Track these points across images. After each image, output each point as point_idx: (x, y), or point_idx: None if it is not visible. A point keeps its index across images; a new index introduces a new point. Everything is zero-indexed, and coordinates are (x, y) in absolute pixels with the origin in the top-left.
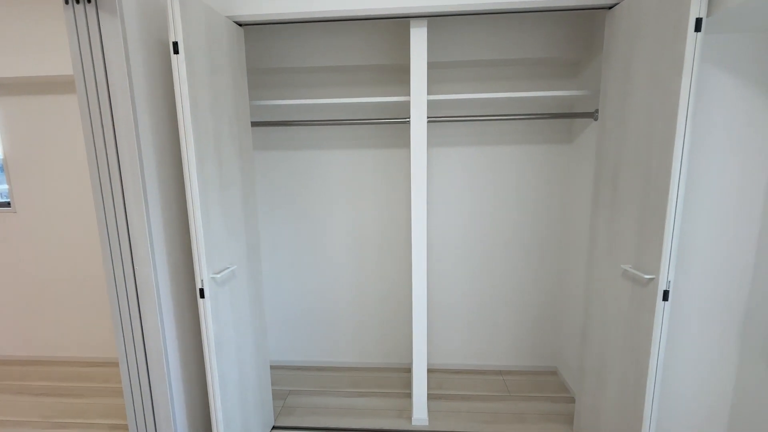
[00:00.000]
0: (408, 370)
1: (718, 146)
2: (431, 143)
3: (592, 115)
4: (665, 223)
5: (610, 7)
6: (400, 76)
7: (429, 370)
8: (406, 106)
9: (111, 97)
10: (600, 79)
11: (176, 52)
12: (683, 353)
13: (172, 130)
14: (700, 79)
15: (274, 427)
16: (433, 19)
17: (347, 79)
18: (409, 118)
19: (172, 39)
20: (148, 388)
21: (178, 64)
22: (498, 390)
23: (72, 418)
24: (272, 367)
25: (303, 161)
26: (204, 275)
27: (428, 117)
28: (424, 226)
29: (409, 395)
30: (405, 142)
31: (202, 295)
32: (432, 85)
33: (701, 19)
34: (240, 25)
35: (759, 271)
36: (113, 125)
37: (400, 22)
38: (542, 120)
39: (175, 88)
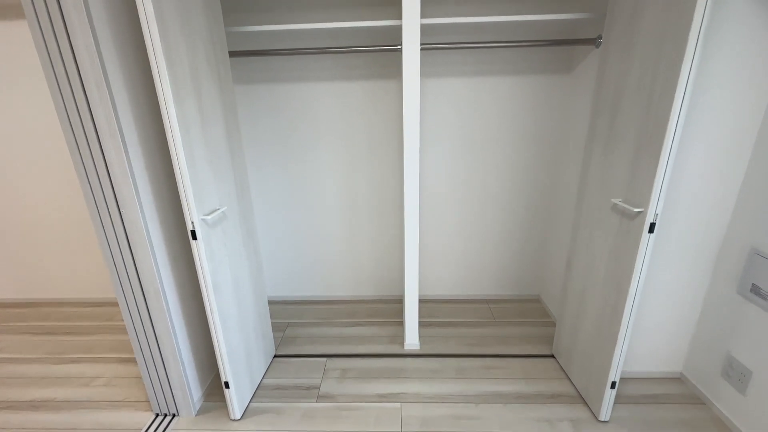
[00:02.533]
0: (400, 301)
1: (721, 80)
2: (423, 73)
3: (594, 41)
4: (660, 157)
5: None
6: None
7: (420, 300)
8: (398, 31)
9: (66, 22)
10: (606, 1)
11: None
12: (658, 280)
13: (141, 58)
14: (718, 4)
15: (275, 356)
16: None
17: (333, 0)
18: (400, 45)
19: None
20: (150, 324)
21: None
22: (484, 317)
23: (80, 353)
24: (270, 303)
25: (287, 94)
26: (194, 217)
27: (421, 44)
28: (417, 161)
29: (402, 323)
30: (396, 72)
31: (194, 237)
32: (425, 8)
33: None
34: None
35: (740, 203)
36: (74, 55)
37: None
38: (541, 48)
39: (139, 13)
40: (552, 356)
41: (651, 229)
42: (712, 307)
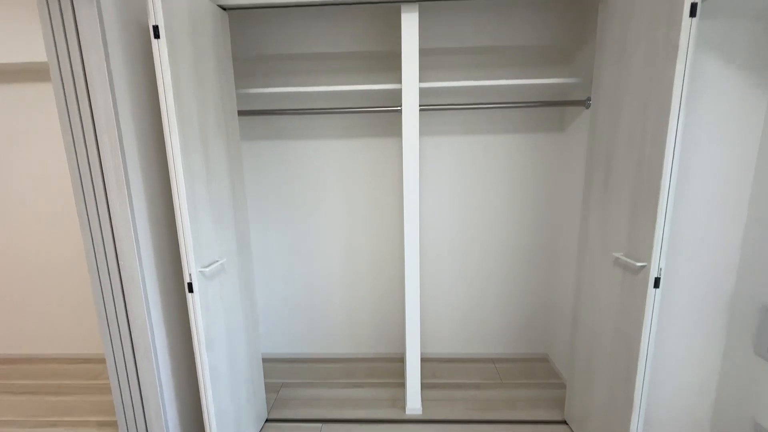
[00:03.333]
0: (401, 360)
1: (709, 133)
2: (423, 132)
3: (584, 103)
4: (657, 211)
5: None
6: (391, 62)
7: (422, 359)
8: (398, 94)
9: (89, 85)
10: (592, 66)
11: (157, 36)
12: (671, 338)
13: (155, 118)
14: (694, 65)
15: (267, 420)
16: (425, 3)
17: (337, 66)
18: (400, 106)
19: (152, 23)
20: (137, 383)
21: (159, 49)
22: (490, 377)
23: (59, 416)
24: (264, 360)
25: (292, 151)
26: (192, 269)
27: (420, 105)
28: (417, 216)
29: (403, 384)
30: (396, 131)
31: (191, 290)
32: (424, 72)
33: (696, 3)
34: (224, 9)
35: (745, 257)
36: (92, 114)
37: (391, 6)
38: (534, 108)
39: (156, 74)
40: (564, 422)
41: (656, 284)
42: (732, 370)
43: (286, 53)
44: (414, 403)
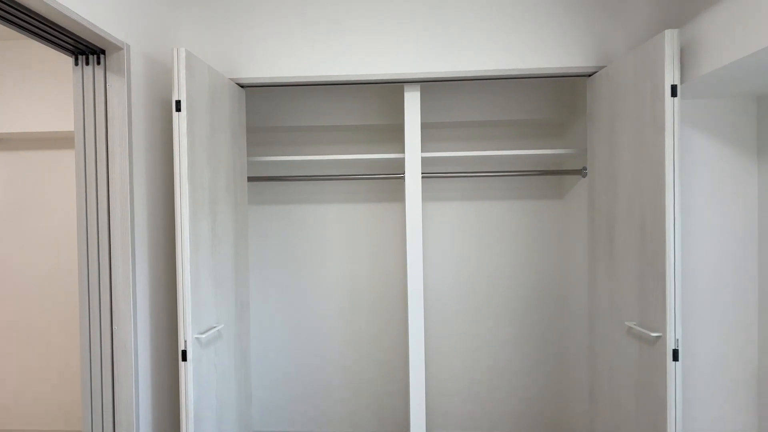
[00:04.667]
0: None
1: (706, 201)
2: (425, 198)
3: (580, 172)
4: (666, 278)
5: (590, 75)
6: (395, 134)
7: None
8: (401, 162)
9: (109, 153)
10: (585, 138)
11: (178, 110)
12: (697, 415)
13: (167, 184)
14: (683, 139)
15: None
16: (426, 84)
17: (344, 137)
18: (403, 173)
19: (175, 98)
20: None
21: (179, 121)
22: None
23: None
24: None
25: (297, 215)
26: (188, 336)
27: (423, 173)
28: (421, 282)
29: None
30: (399, 197)
31: (184, 358)
32: (425, 143)
33: (676, 85)
34: (242, 86)
35: (764, 324)
36: (108, 178)
37: (395, 86)
38: (532, 176)
39: (174, 144)
40: None
41: (675, 357)
42: None
43: (296, 125)
44: None
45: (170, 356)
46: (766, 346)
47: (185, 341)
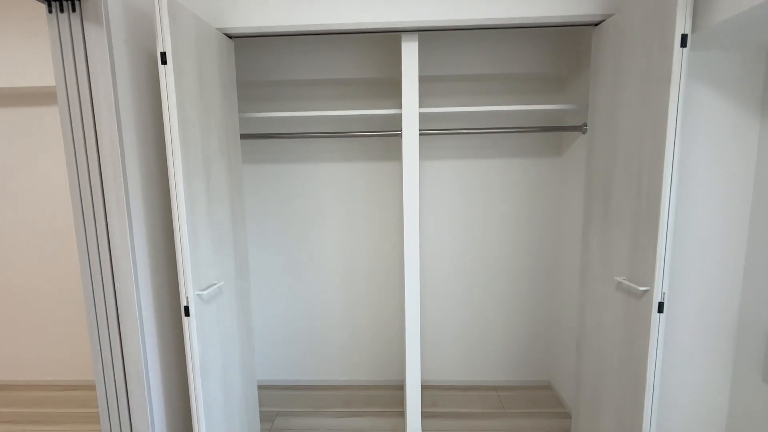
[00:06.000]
0: (401, 387)
1: (704, 159)
2: (423, 156)
3: (581, 128)
4: (658, 235)
5: (597, 24)
6: (392, 89)
7: (422, 387)
8: (398, 119)
9: (95, 109)
10: (587, 93)
11: (164, 62)
12: (679, 364)
13: (158, 141)
14: (688, 94)
15: None
16: (424, 33)
17: (339, 92)
18: (400, 130)
19: (160, 49)
20: (127, 412)
21: (166, 75)
22: (493, 406)
23: None
24: (260, 387)
25: (293, 174)
26: (189, 292)
27: (420, 130)
28: (417, 240)
29: (403, 413)
30: (396, 155)
31: (187, 313)
32: (423, 98)
33: (687, 35)
34: (230, 37)
35: (748, 281)
36: (96, 137)
37: (392, 35)
38: (532, 133)
39: (162, 99)
40: None
41: (660, 309)
42: (741, 399)
43: (289, 79)
44: None
45: (174, 312)
46: (748, 302)
47: (187, 297)
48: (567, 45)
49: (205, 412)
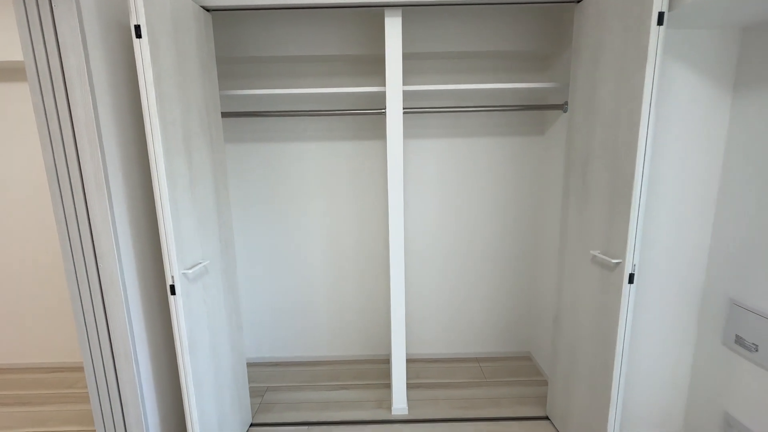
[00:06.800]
0: (387, 361)
1: (678, 136)
2: (408, 135)
3: (562, 107)
4: (630, 210)
5: (579, 1)
6: (377, 66)
7: (408, 360)
8: (382, 96)
9: (67, 85)
10: (569, 72)
11: (138, 36)
12: (647, 333)
13: (136, 119)
14: (663, 72)
15: (252, 425)
16: (408, 8)
17: (322, 69)
18: (384, 109)
19: (133, 22)
20: (116, 389)
21: (141, 49)
22: (475, 377)
23: (33, 427)
24: (249, 365)
25: (277, 153)
26: (174, 271)
27: (404, 108)
28: (401, 218)
29: (389, 385)
30: (381, 134)
31: (173, 292)
32: (408, 76)
33: (663, 13)
34: (208, 10)
35: (713, 254)
36: (70, 115)
37: (375, 11)
38: (515, 112)
39: (138, 74)
40: (546, 418)
41: (631, 280)
42: (703, 362)
43: (271, 55)
44: (400, 404)
45: (160, 291)
46: (712, 274)
47: (172, 276)
48: (551, 23)
49: (195, 387)
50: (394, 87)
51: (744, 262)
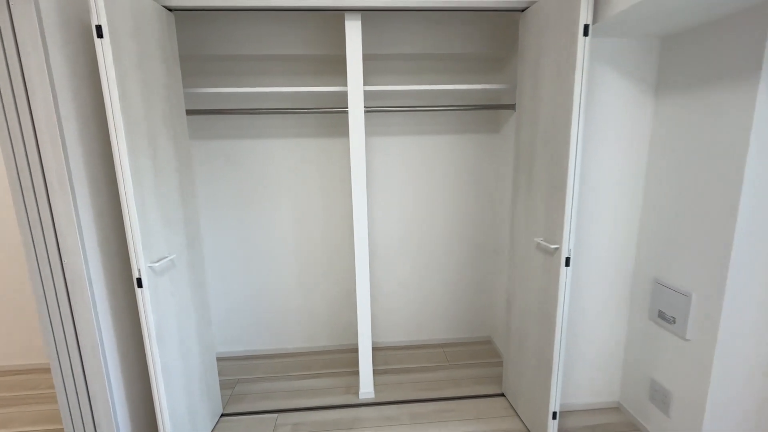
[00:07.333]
0: (356, 350)
1: (609, 134)
2: (371, 132)
3: (512, 107)
4: (565, 200)
5: (523, 10)
6: (340, 66)
7: (376, 348)
8: (346, 95)
9: (27, 85)
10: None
11: (100, 36)
12: (587, 311)
13: (99, 117)
14: (594, 76)
15: (222, 415)
16: (367, 13)
17: (287, 68)
18: (347, 108)
19: (94, 22)
20: (84, 384)
21: (103, 49)
22: (438, 361)
23: None
24: (220, 359)
25: (244, 150)
26: (141, 264)
27: (366, 107)
28: (365, 212)
29: (357, 372)
30: (347, 131)
31: (140, 285)
32: (371, 76)
33: (588, 25)
34: (170, 10)
35: (641, 239)
36: (31, 114)
37: (336, 14)
38: (472, 111)
39: (101, 74)
40: (502, 395)
41: (567, 263)
42: (634, 335)
43: (237, 54)
44: (366, 387)
45: (126, 286)
46: (641, 257)
47: (138, 269)
48: (504, 28)
49: (164, 378)
50: (356, 87)
51: (665, 245)
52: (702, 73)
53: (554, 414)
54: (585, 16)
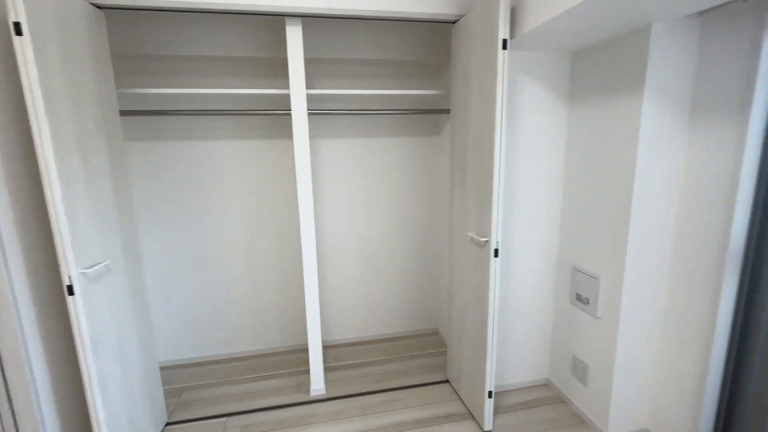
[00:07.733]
0: (307, 350)
1: (531, 136)
2: (316, 134)
3: (449, 111)
4: (492, 197)
5: (454, 22)
6: (283, 69)
7: (329, 346)
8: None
9: None
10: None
11: (19, 33)
12: (518, 297)
13: (19, 118)
14: (521, 84)
15: (167, 424)
16: (308, 19)
17: (230, 69)
18: (290, 110)
19: (12, 19)
20: (7, 401)
21: (23, 47)
22: (387, 354)
23: None
24: (165, 368)
25: (186, 151)
26: (72, 271)
27: (311, 109)
28: (312, 212)
29: (309, 371)
30: (291, 133)
31: (71, 292)
32: (315, 79)
33: (506, 39)
34: (99, 7)
35: (562, 232)
36: None
37: (278, 18)
38: (412, 115)
39: (21, 74)
40: (447, 381)
41: (496, 254)
42: (559, 317)
43: (179, 54)
44: (317, 385)
45: (56, 294)
46: (563, 247)
47: (69, 276)
48: (441, 38)
49: (101, 389)
50: (298, 91)
51: (580, 235)
52: (602, 84)
53: (489, 393)
54: (503, 32)
